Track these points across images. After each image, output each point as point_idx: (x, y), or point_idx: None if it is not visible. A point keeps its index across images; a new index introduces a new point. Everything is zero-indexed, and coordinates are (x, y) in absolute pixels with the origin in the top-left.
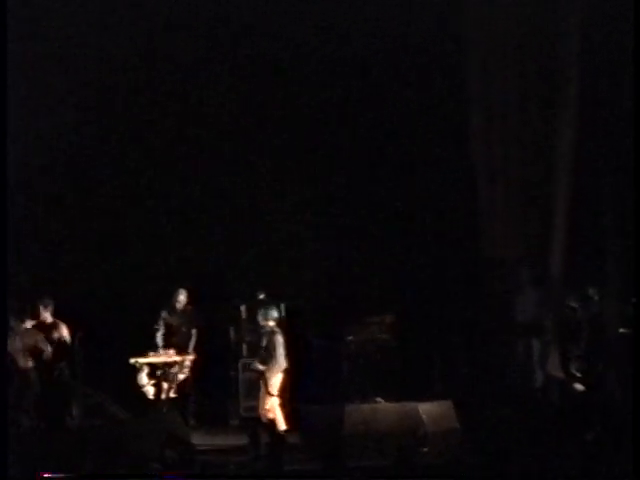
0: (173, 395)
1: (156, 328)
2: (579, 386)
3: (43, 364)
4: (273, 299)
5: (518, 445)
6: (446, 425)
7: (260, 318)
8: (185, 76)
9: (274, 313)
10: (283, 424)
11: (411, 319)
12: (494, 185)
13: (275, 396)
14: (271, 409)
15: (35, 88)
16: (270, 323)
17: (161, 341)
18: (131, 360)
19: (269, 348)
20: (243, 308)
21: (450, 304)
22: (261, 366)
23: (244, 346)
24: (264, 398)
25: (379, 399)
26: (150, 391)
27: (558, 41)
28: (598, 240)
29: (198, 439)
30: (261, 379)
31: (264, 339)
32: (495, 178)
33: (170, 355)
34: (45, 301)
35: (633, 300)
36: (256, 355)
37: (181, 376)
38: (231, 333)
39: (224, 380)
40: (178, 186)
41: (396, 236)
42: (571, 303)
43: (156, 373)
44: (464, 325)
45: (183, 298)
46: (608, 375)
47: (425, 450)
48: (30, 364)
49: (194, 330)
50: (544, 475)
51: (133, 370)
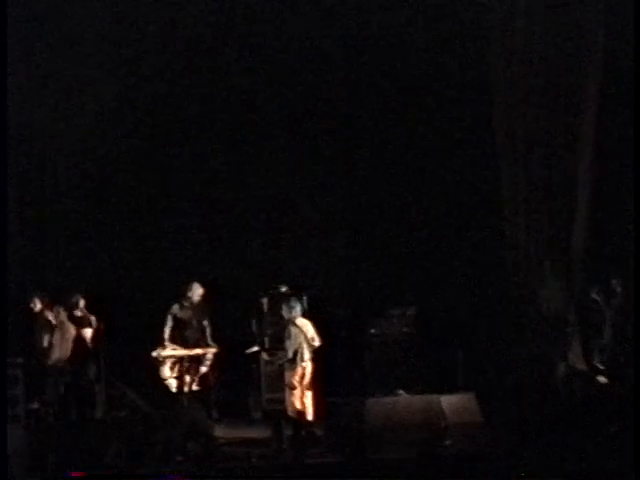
0: (196, 388)
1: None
2: (602, 378)
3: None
4: (295, 292)
5: (540, 437)
6: (468, 418)
7: (284, 311)
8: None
9: (298, 306)
10: (307, 416)
11: (433, 312)
12: (516, 178)
13: (294, 388)
14: (292, 401)
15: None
16: (294, 316)
17: (168, 335)
18: (153, 353)
19: (284, 340)
20: (265, 301)
21: (472, 297)
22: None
23: (266, 339)
24: (287, 390)
25: (401, 392)
26: (173, 384)
27: (580, 37)
28: (620, 232)
29: (220, 432)
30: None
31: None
32: (517, 171)
33: (192, 348)
34: (75, 296)
35: None
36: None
37: (203, 369)
38: (253, 326)
39: (246, 373)
40: (198, 177)
41: (418, 229)
42: (593, 295)
43: (179, 366)
44: (486, 317)
45: (200, 291)
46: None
47: (447, 443)
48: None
49: (206, 322)
50: (566, 467)
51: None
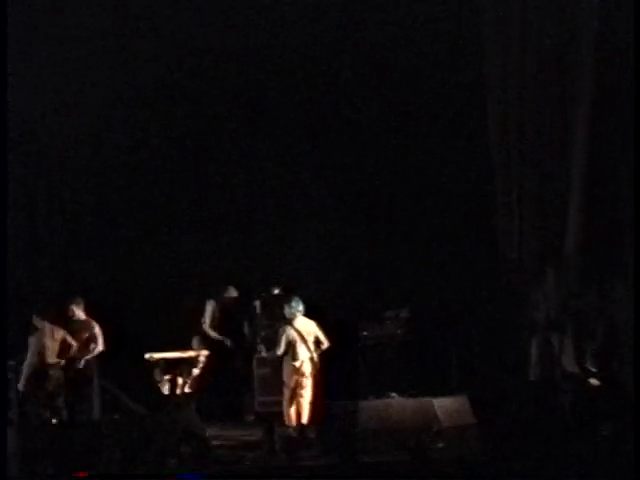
0: (188, 390)
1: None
2: (594, 381)
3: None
4: (288, 294)
5: (533, 441)
6: (461, 420)
7: (285, 309)
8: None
9: (300, 305)
10: (291, 419)
11: (426, 314)
12: (510, 180)
13: (286, 389)
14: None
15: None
16: (294, 315)
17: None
18: (146, 355)
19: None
20: (258, 303)
21: (466, 299)
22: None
23: (259, 341)
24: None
25: (394, 394)
26: (165, 386)
27: (574, 38)
28: (615, 235)
29: (213, 434)
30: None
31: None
32: (511, 174)
33: (184, 350)
34: (77, 299)
35: None
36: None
37: (196, 371)
38: (246, 328)
39: (239, 375)
40: (193, 182)
41: (412, 231)
42: (587, 299)
43: (171, 369)
44: (479, 320)
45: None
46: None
47: (440, 445)
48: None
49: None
50: (559, 471)
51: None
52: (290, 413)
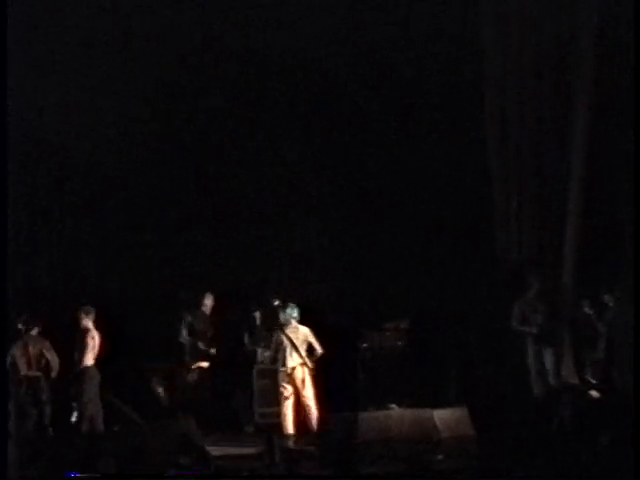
0: (187, 401)
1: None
2: (594, 393)
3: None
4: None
5: (533, 451)
6: (461, 431)
7: (280, 315)
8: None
9: (295, 312)
10: (288, 429)
11: (426, 325)
12: (509, 193)
13: (283, 398)
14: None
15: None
16: (288, 321)
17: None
18: (145, 365)
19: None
20: (257, 314)
21: (465, 311)
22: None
23: (259, 352)
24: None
25: (393, 406)
26: (164, 397)
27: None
28: (613, 246)
29: (212, 445)
30: None
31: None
32: (510, 188)
33: (183, 361)
34: (86, 308)
35: None
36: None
37: (195, 382)
38: (246, 339)
39: (239, 386)
40: (194, 192)
41: (411, 242)
42: (586, 309)
43: (169, 379)
44: (479, 332)
45: (210, 302)
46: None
47: (440, 457)
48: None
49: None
50: None
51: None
52: (285, 420)
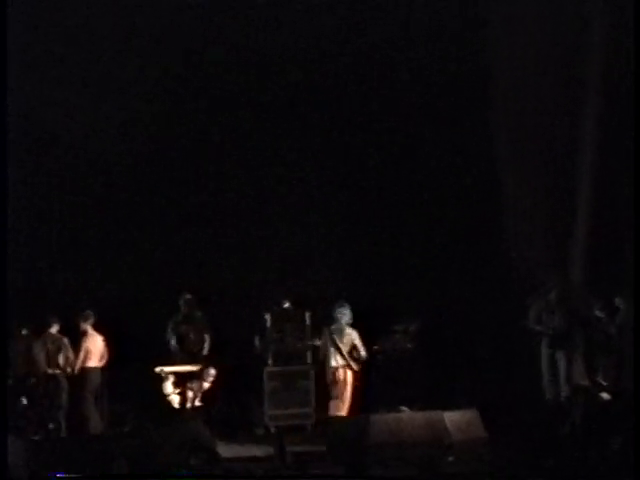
0: (198, 404)
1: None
2: (605, 395)
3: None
4: (297, 308)
5: (544, 454)
6: (472, 434)
7: (336, 316)
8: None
9: (345, 313)
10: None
11: (436, 328)
12: (520, 197)
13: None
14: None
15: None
16: (341, 323)
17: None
18: (156, 369)
19: None
20: (268, 317)
21: (475, 313)
22: None
23: (269, 354)
24: None
25: (404, 408)
26: (175, 400)
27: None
28: (624, 249)
29: (223, 448)
30: None
31: None
32: (520, 191)
33: (194, 364)
34: (86, 313)
35: None
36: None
37: (206, 385)
38: (256, 342)
39: (249, 389)
40: (198, 192)
41: (421, 245)
42: (597, 312)
43: (181, 382)
44: (489, 333)
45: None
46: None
47: (451, 459)
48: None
49: (206, 336)
50: None
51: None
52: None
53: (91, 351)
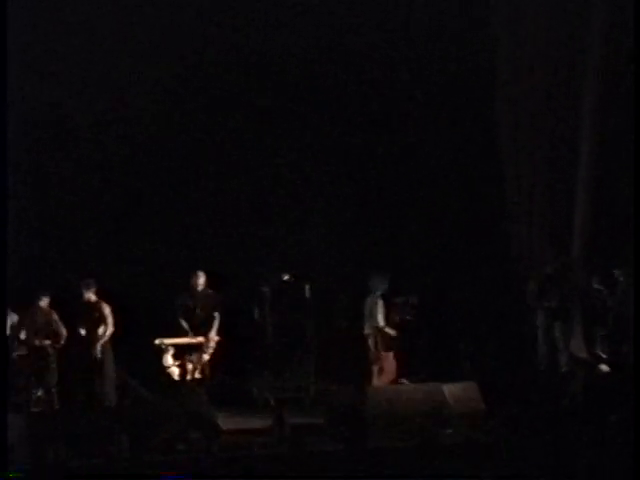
0: (198, 376)
1: (178, 312)
2: (604, 367)
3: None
4: (297, 280)
5: (542, 426)
6: (471, 406)
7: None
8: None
9: (380, 282)
10: None
11: (436, 300)
12: (518, 168)
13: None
14: None
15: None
16: (377, 291)
17: (186, 324)
18: (156, 341)
19: None
20: (267, 289)
21: (474, 285)
22: None
23: (269, 326)
24: None
25: (403, 380)
26: (175, 372)
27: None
28: (623, 222)
29: (222, 420)
30: None
31: None
32: (520, 162)
33: (195, 336)
34: (87, 281)
35: None
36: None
37: (206, 357)
38: (256, 314)
39: (249, 361)
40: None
41: (420, 218)
42: (596, 285)
43: (181, 354)
44: (488, 306)
45: (202, 281)
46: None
47: (449, 431)
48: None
49: (216, 313)
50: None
51: (159, 351)
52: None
53: (101, 322)
